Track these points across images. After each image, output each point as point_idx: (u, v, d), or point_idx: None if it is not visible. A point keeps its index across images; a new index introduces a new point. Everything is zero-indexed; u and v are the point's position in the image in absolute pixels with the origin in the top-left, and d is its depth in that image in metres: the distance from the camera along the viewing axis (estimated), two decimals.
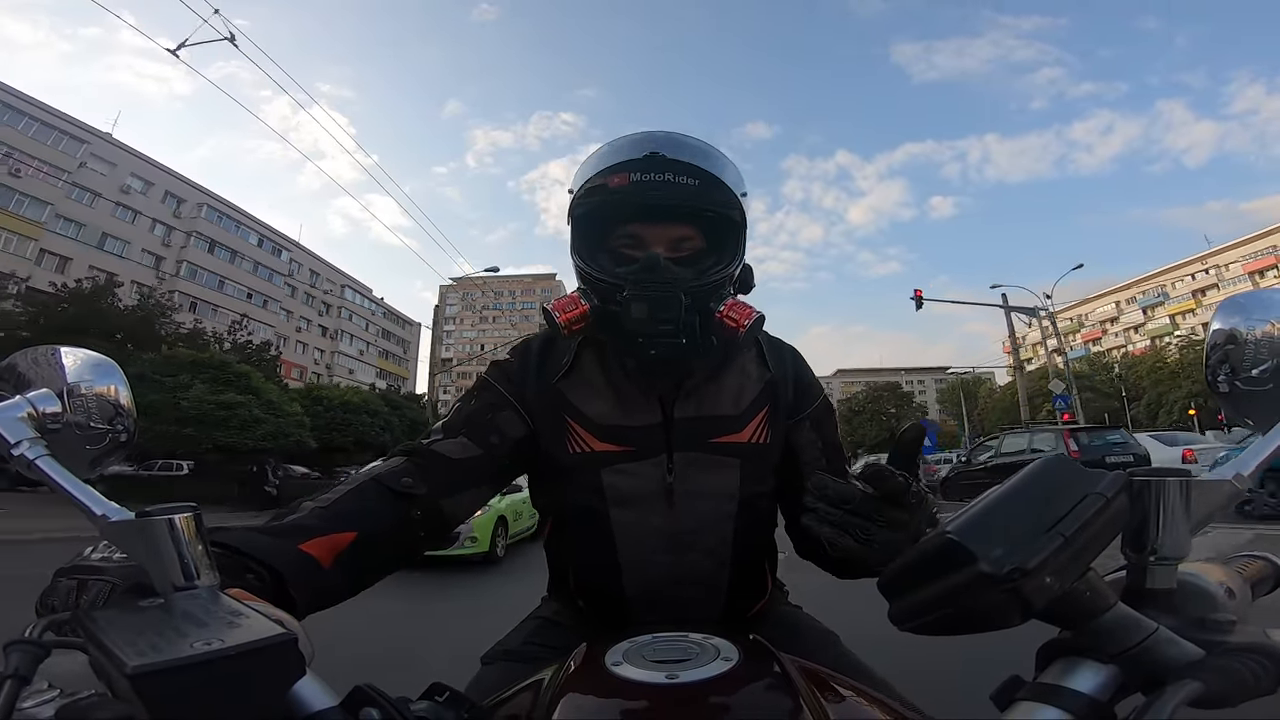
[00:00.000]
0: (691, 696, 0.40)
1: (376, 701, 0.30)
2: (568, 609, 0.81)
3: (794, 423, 0.79)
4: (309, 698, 0.30)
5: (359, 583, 0.59)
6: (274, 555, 0.49)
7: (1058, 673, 0.31)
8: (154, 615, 0.30)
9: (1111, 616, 0.30)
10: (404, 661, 2.90)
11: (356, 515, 0.59)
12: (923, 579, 0.30)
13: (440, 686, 0.35)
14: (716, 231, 0.73)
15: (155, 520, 0.33)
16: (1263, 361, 0.42)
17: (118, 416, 0.48)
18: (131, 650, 0.25)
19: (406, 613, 3.90)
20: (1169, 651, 0.30)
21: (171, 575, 0.33)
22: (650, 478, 0.73)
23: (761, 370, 0.79)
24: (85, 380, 0.47)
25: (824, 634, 0.78)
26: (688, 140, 0.73)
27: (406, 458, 0.68)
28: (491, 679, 0.67)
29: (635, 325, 0.67)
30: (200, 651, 0.25)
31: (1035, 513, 0.29)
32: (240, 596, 0.34)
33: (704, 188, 0.70)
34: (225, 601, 0.32)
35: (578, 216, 0.74)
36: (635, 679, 0.41)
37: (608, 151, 0.73)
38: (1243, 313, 0.45)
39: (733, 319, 0.69)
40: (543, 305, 0.72)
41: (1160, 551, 0.32)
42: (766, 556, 0.82)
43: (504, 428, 0.74)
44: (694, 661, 0.42)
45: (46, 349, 0.49)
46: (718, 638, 0.47)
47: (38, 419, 0.43)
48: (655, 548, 0.72)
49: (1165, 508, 0.32)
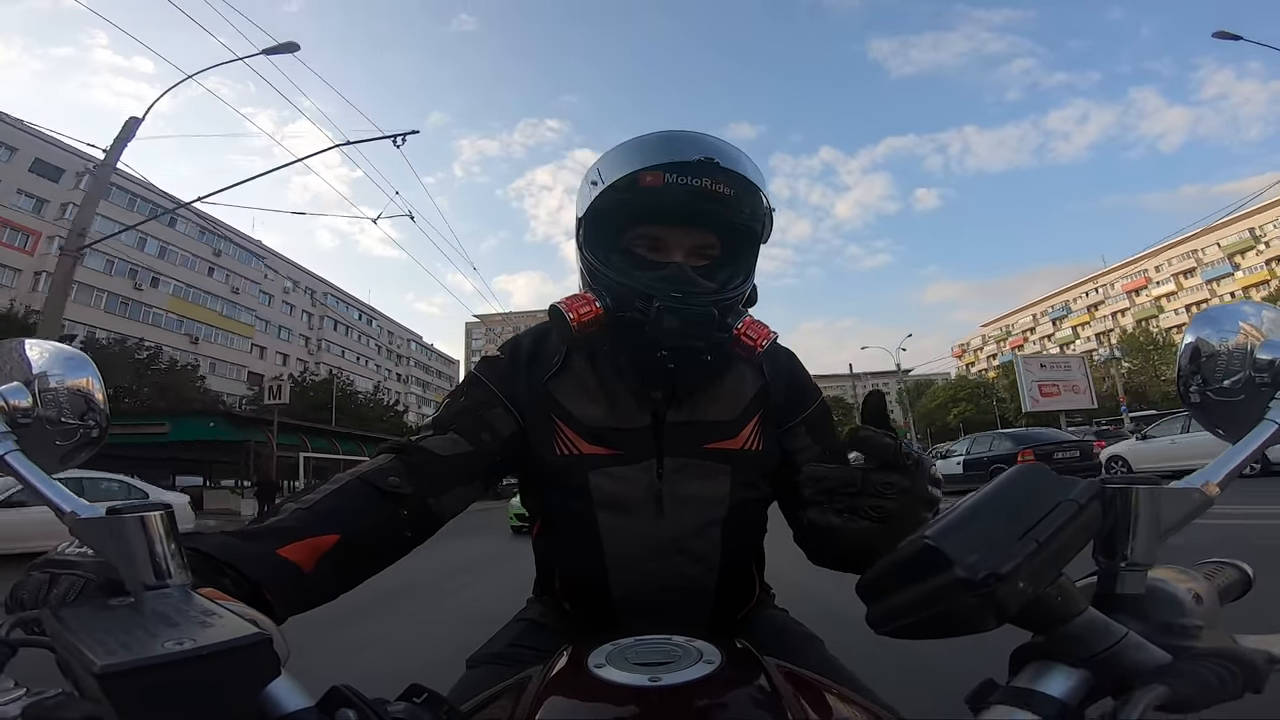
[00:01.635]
0: (673, 699, 0.40)
1: (353, 702, 0.30)
2: (553, 611, 0.80)
3: (788, 429, 0.78)
4: (283, 698, 0.29)
5: (342, 584, 0.58)
6: (249, 562, 0.48)
7: (1030, 676, 0.32)
8: (124, 614, 0.29)
9: (1082, 621, 0.30)
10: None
11: (339, 516, 0.58)
12: (900, 583, 0.31)
13: (418, 688, 0.34)
14: (738, 242, 0.72)
15: (126, 518, 0.33)
16: (1235, 373, 0.44)
17: (89, 411, 0.47)
18: (100, 649, 0.24)
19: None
20: (1138, 656, 0.30)
21: (142, 574, 0.32)
22: (639, 483, 0.72)
23: (756, 375, 0.78)
24: (56, 374, 0.46)
25: (808, 638, 0.78)
26: (734, 149, 0.69)
27: (395, 455, 0.67)
28: (477, 681, 0.66)
29: (664, 336, 0.65)
30: (171, 651, 0.25)
31: (1010, 519, 0.29)
32: (213, 596, 0.33)
33: (738, 199, 0.68)
34: (198, 601, 0.31)
35: (599, 210, 0.70)
36: (617, 681, 0.41)
37: (650, 148, 0.68)
38: (1214, 325, 0.46)
39: (750, 338, 0.68)
40: (552, 304, 0.69)
41: (1131, 558, 0.33)
42: (755, 560, 0.82)
43: (495, 424, 0.73)
44: (676, 664, 0.42)
45: (16, 341, 0.47)
46: (701, 641, 0.47)
47: (7, 413, 0.42)
48: (643, 553, 0.71)
49: (1136, 515, 0.33)
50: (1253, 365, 0.43)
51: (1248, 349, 0.43)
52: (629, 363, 0.72)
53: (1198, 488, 0.36)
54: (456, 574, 5.45)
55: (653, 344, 0.66)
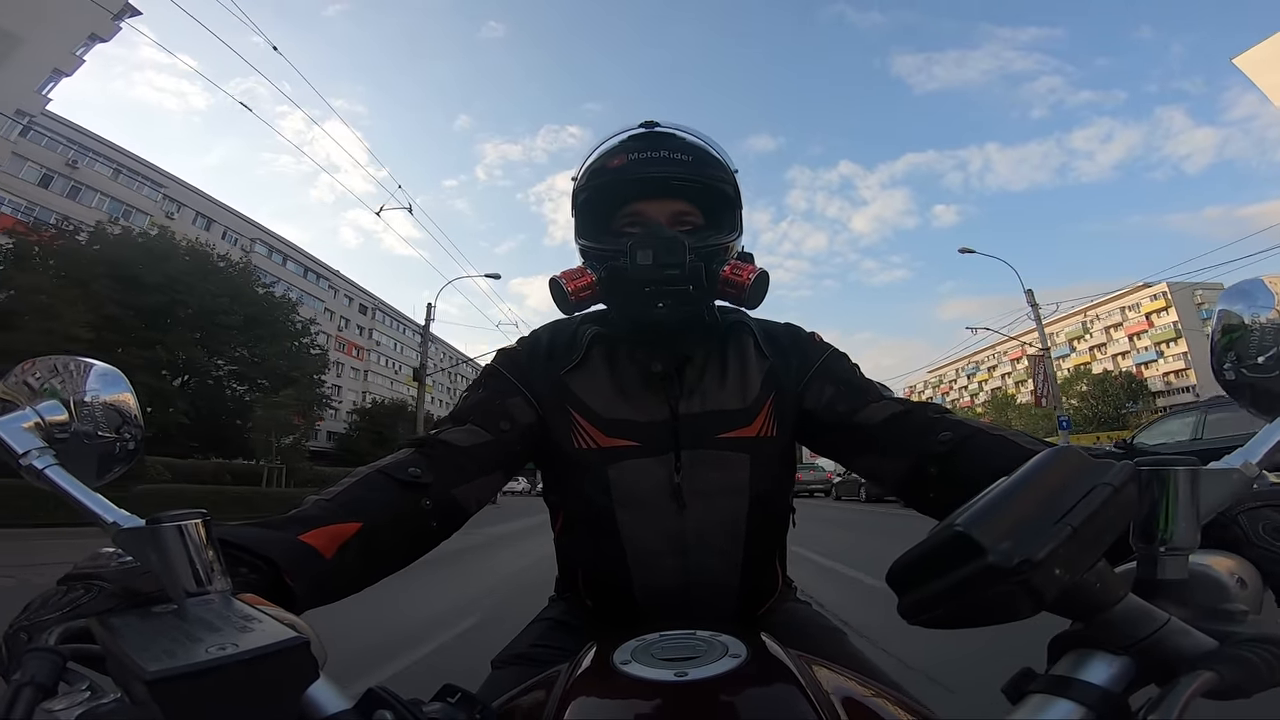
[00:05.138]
0: (700, 693, 0.40)
1: (389, 704, 0.30)
2: (576, 609, 0.80)
3: (802, 389, 0.77)
4: (323, 701, 0.30)
5: (365, 575, 0.57)
6: (269, 545, 0.48)
7: (1070, 665, 0.31)
8: (168, 621, 0.30)
9: (1122, 608, 0.30)
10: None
11: (361, 505, 0.58)
12: (931, 572, 0.30)
13: (452, 688, 0.35)
14: (713, 207, 0.76)
15: (166, 527, 0.34)
16: (1269, 348, 0.42)
17: (125, 425, 0.48)
18: (147, 656, 0.25)
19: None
20: (1182, 642, 0.30)
21: (184, 581, 0.33)
22: (657, 476, 0.72)
23: (760, 359, 0.78)
24: (92, 390, 0.48)
25: (832, 630, 0.77)
26: (688, 126, 0.78)
27: (414, 449, 0.67)
28: (502, 681, 0.67)
29: (641, 273, 0.68)
30: (215, 657, 0.26)
31: (1043, 504, 0.29)
32: (253, 601, 0.34)
33: (698, 162, 0.74)
34: (238, 606, 0.32)
35: (581, 203, 0.76)
36: (644, 677, 0.41)
37: (612, 137, 0.78)
38: (1247, 299, 0.44)
39: (737, 275, 0.72)
40: (552, 277, 0.74)
41: (1170, 542, 0.32)
42: (777, 553, 0.81)
43: (514, 414, 0.74)
44: (702, 659, 0.43)
45: (53, 359, 0.49)
46: (726, 635, 0.47)
47: (45, 429, 0.44)
48: (664, 549, 0.71)
49: (1174, 497, 0.32)
50: None
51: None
52: (627, 327, 0.75)
53: (1236, 468, 0.35)
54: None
55: (639, 292, 0.69)
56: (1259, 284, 0.44)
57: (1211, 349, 0.46)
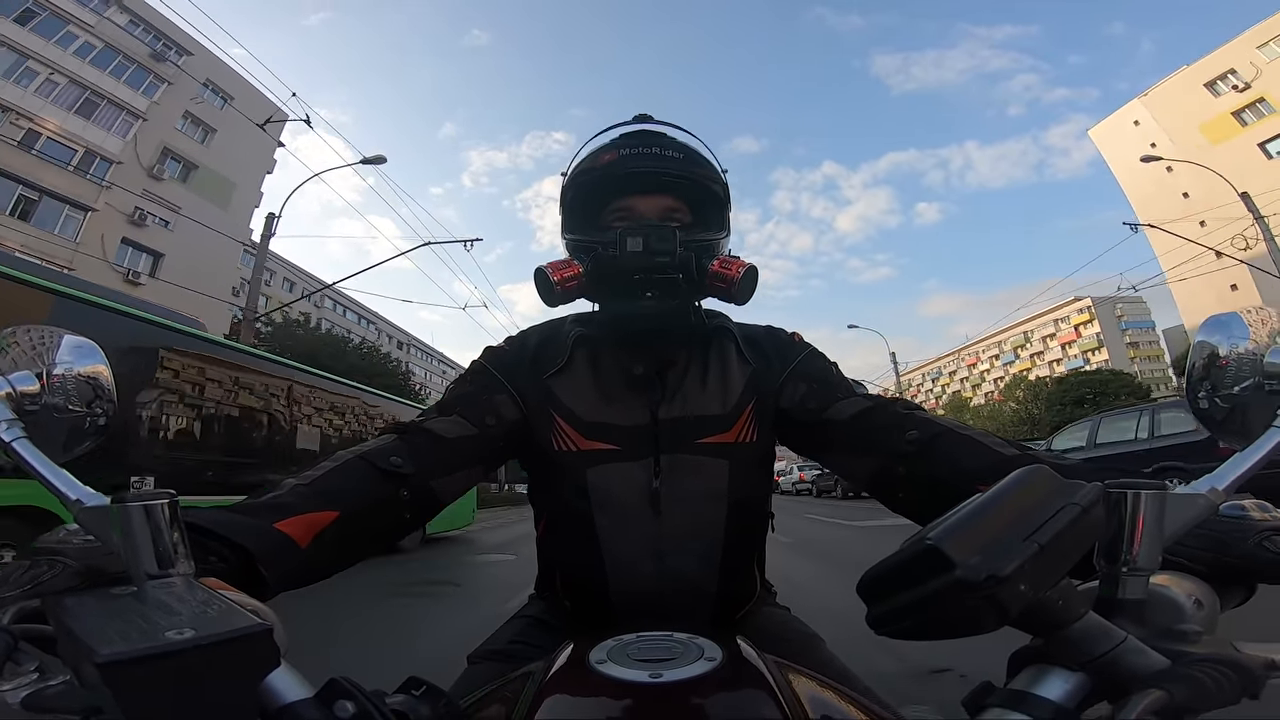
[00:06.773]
0: (674, 695, 0.40)
1: (351, 694, 0.30)
2: (554, 608, 0.80)
3: (779, 388, 0.77)
4: (283, 689, 0.29)
5: (337, 563, 0.57)
6: (244, 533, 0.47)
7: (1027, 680, 0.32)
8: (126, 603, 0.29)
9: (1082, 625, 0.30)
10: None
11: (339, 494, 0.57)
12: (901, 584, 0.31)
13: (416, 680, 0.35)
14: (703, 206, 0.76)
15: (131, 506, 0.33)
16: (1244, 379, 0.43)
17: (97, 399, 0.47)
18: (101, 638, 0.25)
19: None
20: (1136, 661, 0.30)
21: (145, 563, 0.32)
22: (636, 480, 0.71)
23: (742, 364, 0.78)
24: (65, 361, 0.46)
25: (809, 637, 0.77)
26: (680, 127, 0.79)
27: (397, 436, 0.67)
28: (476, 677, 0.67)
29: (631, 260, 0.68)
30: (172, 641, 0.25)
31: (1013, 522, 0.29)
32: (216, 586, 0.34)
33: (689, 160, 0.75)
34: (200, 591, 0.31)
35: (571, 198, 0.76)
36: (618, 677, 0.41)
37: (603, 134, 0.78)
38: (1224, 330, 0.45)
39: (726, 269, 0.72)
40: (537, 268, 0.73)
41: (1133, 563, 0.33)
42: (756, 558, 0.82)
43: (499, 409, 0.74)
44: (677, 661, 0.43)
45: (25, 328, 0.47)
46: (702, 638, 0.47)
47: (14, 399, 0.42)
48: (641, 554, 0.71)
49: (1140, 519, 0.33)
50: (1263, 371, 0.42)
51: (1259, 355, 0.43)
52: (612, 326, 0.75)
53: (1203, 493, 0.35)
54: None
55: (627, 280, 0.69)
56: (1235, 317, 0.45)
57: (1187, 379, 0.46)
